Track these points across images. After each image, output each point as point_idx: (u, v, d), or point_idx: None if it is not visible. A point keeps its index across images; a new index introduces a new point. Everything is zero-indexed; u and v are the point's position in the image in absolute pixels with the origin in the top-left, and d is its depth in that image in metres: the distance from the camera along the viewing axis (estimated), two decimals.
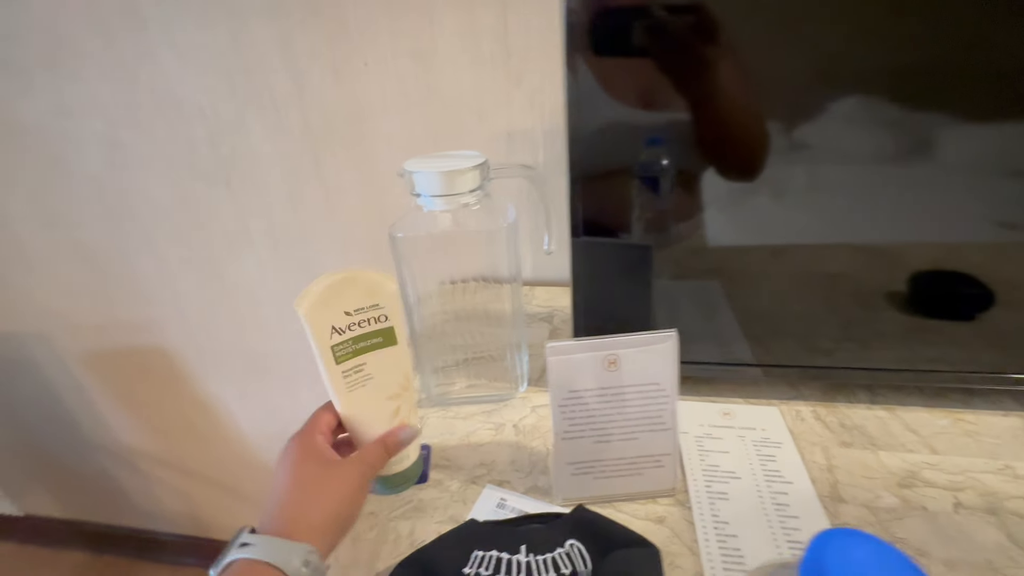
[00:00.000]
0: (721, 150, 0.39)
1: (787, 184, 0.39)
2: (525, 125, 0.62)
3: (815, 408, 0.46)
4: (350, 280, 0.33)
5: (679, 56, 0.37)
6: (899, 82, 0.35)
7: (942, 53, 0.34)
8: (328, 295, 0.32)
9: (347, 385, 0.33)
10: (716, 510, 0.37)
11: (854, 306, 0.44)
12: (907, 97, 0.36)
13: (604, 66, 0.38)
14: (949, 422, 0.43)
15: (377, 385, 0.35)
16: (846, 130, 0.37)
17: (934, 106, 0.36)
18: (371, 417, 0.35)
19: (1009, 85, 0.34)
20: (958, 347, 0.43)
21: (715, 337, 0.47)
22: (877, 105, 0.36)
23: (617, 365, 0.36)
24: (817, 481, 0.39)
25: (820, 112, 0.37)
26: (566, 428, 0.37)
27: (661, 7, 0.35)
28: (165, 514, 1.18)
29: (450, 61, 0.60)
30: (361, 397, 0.34)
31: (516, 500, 0.39)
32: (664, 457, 0.38)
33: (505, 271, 0.44)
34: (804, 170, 0.39)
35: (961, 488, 0.37)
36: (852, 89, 0.36)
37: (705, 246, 0.43)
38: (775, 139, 0.38)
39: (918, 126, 0.36)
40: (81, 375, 0.99)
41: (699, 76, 0.37)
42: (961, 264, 0.40)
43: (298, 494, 0.30)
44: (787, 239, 0.42)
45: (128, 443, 1.08)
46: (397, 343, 0.35)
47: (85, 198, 0.78)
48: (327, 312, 0.32)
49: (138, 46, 0.66)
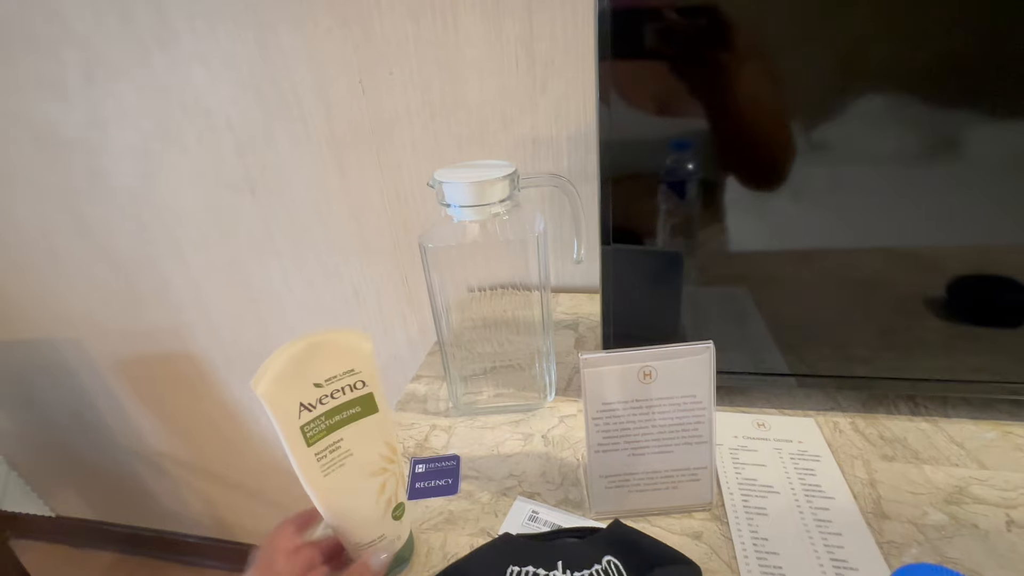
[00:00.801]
0: (745, 157, 0.39)
1: (814, 187, 0.38)
2: (550, 132, 0.62)
3: (853, 419, 0.45)
4: (317, 346, 0.29)
5: (709, 61, 0.36)
6: (924, 78, 0.34)
7: (966, 47, 0.33)
8: (291, 368, 0.28)
9: (322, 469, 0.30)
10: (755, 526, 0.36)
11: (891, 313, 0.42)
12: (934, 94, 0.34)
13: (635, 73, 0.37)
14: (997, 435, 0.42)
15: (358, 462, 0.31)
16: (873, 130, 0.36)
17: (962, 102, 0.34)
18: (354, 500, 0.32)
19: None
20: (1005, 355, 0.41)
21: (746, 345, 0.46)
22: (903, 103, 0.35)
23: (652, 377, 0.35)
24: (859, 496, 0.38)
25: (845, 112, 0.36)
26: (600, 441, 0.36)
27: (691, 11, 0.35)
28: (191, 516, 1.20)
29: (475, 69, 0.60)
30: (340, 480, 0.31)
31: (548, 513, 0.39)
32: (700, 471, 0.37)
33: (535, 279, 0.44)
34: (831, 172, 0.38)
35: (1014, 505, 0.36)
36: (878, 87, 0.35)
37: (732, 251, 0.42)
38: (800, 140, 0.37)
39: (946, 123, 0.35)
40: (111, 380, 1.02)
41: (728, 80, 0.36)
42: (1002, 268, 0.39)
43: None
44: (816, 243, 0.41)
45: (156, 446, 1.10)
46: (378, 410, 0.31)
47: (117, 207, 0.80)
48: (292, 388, 0.28)
49: (170, 59, 0.67)
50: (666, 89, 0.38)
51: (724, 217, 0.41)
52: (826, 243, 0.41)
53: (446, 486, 0.42)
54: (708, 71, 0.36)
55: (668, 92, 0.38)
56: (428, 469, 0.44)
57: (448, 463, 0.44)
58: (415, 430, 0.49)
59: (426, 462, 0.44)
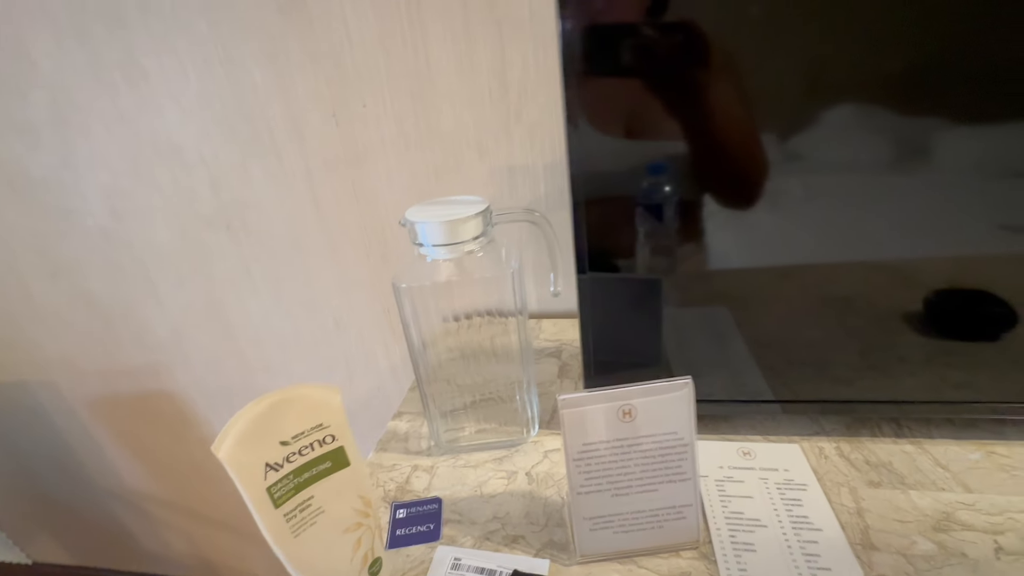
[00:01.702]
0: (720, 174, 0.39)
1: (790, 202, 0.38)
2: (526, 160, 0.62)
3: (839, 444, 0.44)
4: (282, 404, 0.28)
5: (682, 78, 0.36)
6: (894, 87, 0.34)
7: (934, 55, 0.33)
8: (255, 429, 0.27)
9: (292, 529, 0.29)
10: (743, 563, 0.35)
11: (871, 330, 0.42)
12: (905, 104, 0.35)
13: (604, 95, 0.37)
14: (981, 455, 0.42)
15: (330, 519, 0.30)
16: (847, 142, 0.36)
17: (932, 112, 0.35)
18: (327, 559, 0.31)
19: (1005, 84, 0.33)
20: (985, 370, 0.41)
21: (728, 369, 0.46)
22: (874, 114, 0.35)
23: (632, 415, 0.34)
24: (847, 527, 0.37)
25: (818, 125, 0.36)
26: (582, 482, 0.35)
27: (663, 27, 0.34)
28: (174, 557, 1.16)
29: (448, 99, 0.60)
30: (311, 539, 0.30)
31: (470, 558, 0.38)
32: (685, 508, 0.36)
33: (511, 311, 0.44)
34: (806, 186, 0.38)
35: (1001, 531, 0.36)
36: (848, 98, 0.35)
37: (712, 270, 0.42)
38: (775, 154, 0.37)
39: (918, 133, 0.35)
40: (88, 421, 0.99)
41: (698, 97, 0.36)
42: (978, 280, 0.39)
43: None
44: (794, 259, 0.41)
45: (135, 487, 1.06)
46: (350, 463, 0.31)
47: (90, 247, 0.79)
48: (256, 449, 0.27)
49: (140, 97, 0.66)
50: (635, 109, 0.37)
51: (702, 236, 0.41)
52: (804, 258, 0.40)
53: (428, 532, 0.41)
54: (676, 89, 0.36)
55: (637, 112, 0.37)
56: (409, 514, 0.42)
57: (430, 507, 0.43)
58: (396, 472, 0.47)
59: (407, 506, 0.43)
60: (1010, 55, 0.33)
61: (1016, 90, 0.33)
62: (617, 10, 0.35)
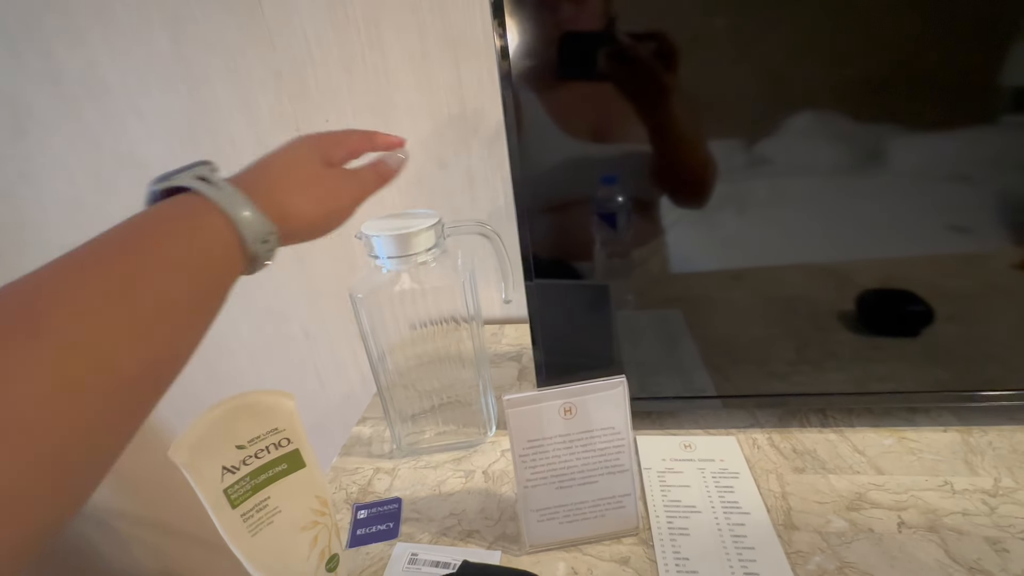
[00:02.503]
0: (672, 177, 0.40)
1: (743, 204, 0.41)
2: (485, 172, 0.65)
3: (770, 435, 0.48)
4: (237, 410, 0.30)
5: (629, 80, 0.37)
6: (845, 96, 0.37)
7: (882, 67, 0.36)
8: (211, 434, 0.29)
9: (249, 529, 0.30)
10: (677, 547, 0.39)
11: (809, 328, 0.45)
12: (854, 110, 0.37)
13: (547, 94, 0.38)
14: (894, 441, 0.46)
15: (287, 518, 0.32)
16: (800, 146, 0.38)
17: (886, 117, 0.37)
18: (285, 557, 0.32)
19: (949, 94, 0.36)
20: (905, 363, 0.45)
21: (677, 368, 0.49)
22: (833, 119, 0.37)
23: (573, 413, 0.37)
24: (772, 510, 0.41)
25: (774, 129, 0.38)
26: (528, 476, 0.38)
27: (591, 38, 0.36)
28: (143, 574, 1.14)
29: (408, 114, 0.63)
30: (269, 538, 0.31)
31: (427, 552, 0.40)
32: (625, 498, 0.39)
33: (465, 317, 0.46)
34: (759, 189, 0.40)
35: (904, 507, 0.39)
36: (802, 105, 0.37)
37: (665, 275, 0.45)
38: (732, 157, 0.39)
39: (871, 137, 0.38)
40: None
41: (649, 102, 0.38)
42: (905, 281, 0.43)
43: (286, 179, 0.27)
44: (744, 263, 0.43)
45: (101, 503, 1.05)
46: (305, 465, 0.32)
47: None
48: (212, 453, 0.29)
49: (102, 110, 0.67)
50: (582, 112, 0.39)
51: (654, 241, 0.43)
52: (753, 261, 0.43)
53: (387, 530, 0.43)
54: (623, 92, 0.38)
55: (585, 115, 0.39)
56: (370, 514, 0.44)
57: (390, 507, 0.45)
58: (359, 475, 0.49)
59: (368, 507, 0.45)
60: (954, 67, 0.36)
61: (959, 100, 0.36)
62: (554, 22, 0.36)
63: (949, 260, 0.42)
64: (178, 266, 0.21)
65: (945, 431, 0.46)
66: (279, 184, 0.27)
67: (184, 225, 0.23)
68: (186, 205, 0.23)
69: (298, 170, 0.28)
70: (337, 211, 0.30)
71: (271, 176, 0.27)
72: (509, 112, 0.39)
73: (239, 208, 0.24)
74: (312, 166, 0.29)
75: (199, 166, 0.25)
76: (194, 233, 0.23)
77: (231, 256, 0.24)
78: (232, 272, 0.24)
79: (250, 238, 0.24)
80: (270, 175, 0.27)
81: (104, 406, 0.18)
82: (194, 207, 0.23)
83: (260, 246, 0.25)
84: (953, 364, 0.45)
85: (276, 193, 0.26)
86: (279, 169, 0.28)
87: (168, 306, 0.21)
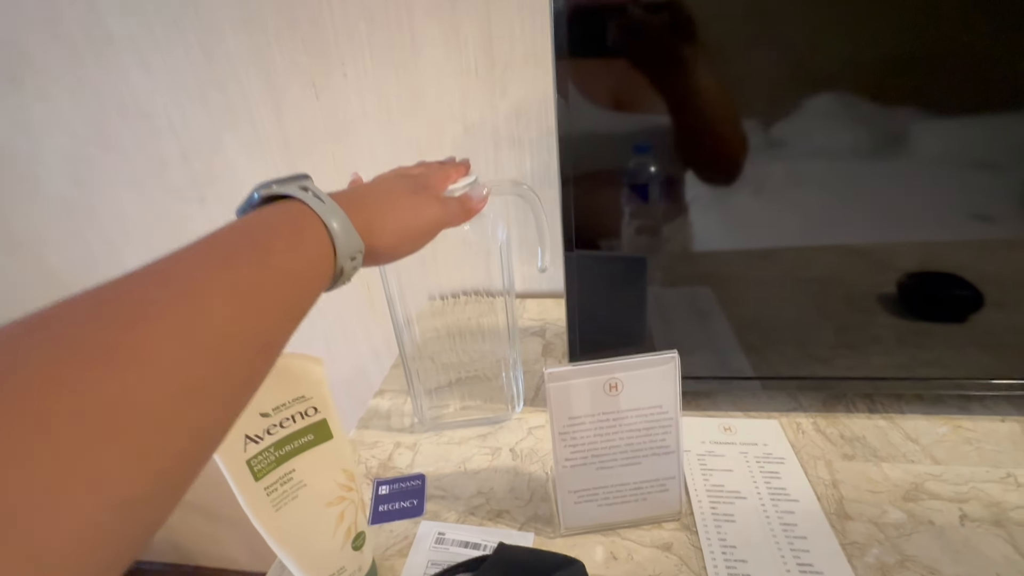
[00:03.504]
0: (704, 151, 0.39)
1: (772, 183, 0.39)
2: (511, 135, 0.61)
3: (815, 420, 0.45)
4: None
5: (666, 57, 0.36)
6: (875, 77, 0.35)
7: (915, 47, 0.34)
8: None
9: (273, 503, 0.28)
10: (723, 534, 0.36)
11: (847, 310, 0.43)
12: (885, 92, 0.35)
13: (592, 71, 0.37)
14: (948, 429, 0.43)
15: (312, 493, 0.29)
16: (829, 128, 0.37)
17: (911, 102, 0.35)
18: (310, 534, 0.30)
19: (981, 76, 0.34)
20: (952, 350, 0.43)
21: (711, 347, 0.46)
22: (856, 101, 0.36)
23: (618, 389, 0.34)
24: (823, 498, 0.38)
25: (799, 110, 0.36)
26: (567, 455, 0.35)
27: (649, 7, 0.34)
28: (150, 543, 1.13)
29: (433, 71, 0.59)
30: (293, 513, 0.29)
31: (455, 531, 0.38)
32: (669, 481, 0.36)
33: (498, 288, 0.43)
34: (788, 169, 0.38)
35: (966, 499, 0.37)
36: (831, 86, 0.35)
37: (696, 251, 0.43)
38: (758, 138, 0.37)
39: (896, 121, 0.36)
40: None
41: (680, 75, 0.36)
42: (948, 264, 0.40)
43: (374, 198, 0.28)
44: (776, 241, 0.41)
45: None
46: (333, 436, 0.30)
47: (52, 218, 0.75)
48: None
49: (104, 61, 0.63)
50: (624, 86, 0.37)
51: (687, 217, 0.41)
52: (785, 241, 0.41)
53: (411, 508, 0.40)
54: (665, 67, 0.36)
55: (626, 89, 0.37)
56: (392, 490, 0.42)
57: (413, 483, 0.42)
58: (378, 449, 0.47)
59: (390, 483, 0.43)
60: (987, 50, 0.34)
61: (991, 83, 0.34)
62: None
63: (992, 245, 0.39)
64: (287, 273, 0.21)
65: (1003, 421, 0.43)
66: (368, 203, 0.28)
67: (291, 232, 0.23)
68: (292, 214, 0.23)
69: (387, 193, 0.30)
70: (419, 233, 0.30)
71: (361, 195, 0.28)
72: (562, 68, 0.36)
73: (337, 221, 0.24)
74: (400, 191, 0.30)
75: (301, 178, 0.26)
76: (300, 242, 0.23)
77: (325, 269, 0.24)
78: (322, 285, 0.24)
79: (342, 252, 0.24)
80: (360, 194, 0.28)
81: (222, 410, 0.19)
82: (300, 216, 0.23)
83: (348, 262, 0.25)
84: (1003, 351, 0.42)
85: (365, 211, 0.27)
86: (369, 190, 0.29)
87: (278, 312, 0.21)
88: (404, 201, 0.30)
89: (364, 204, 0.27)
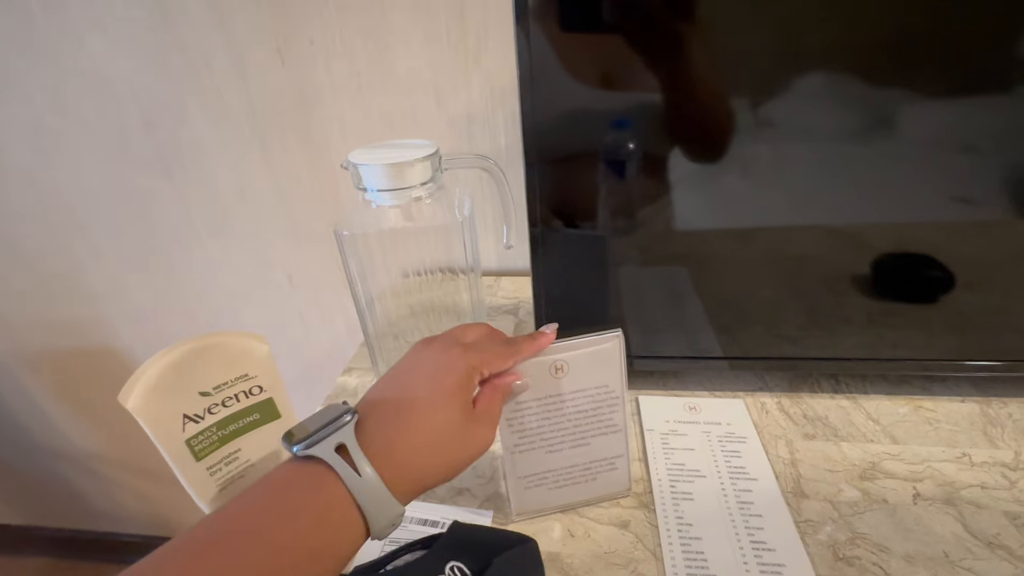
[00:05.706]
0: (689, 128, 0.38)
1: (753, 163, 0.38)
2: (485, 109, 0.59)
3: (780, 399, 0.45)
4: (199, 352, 0.26)
5: (648, 30, 0.34)
6: (860, 59, 0.34)
7: (904, 29, 0.33)
8: (169, 378, 0.25)
9: (217, 483, 0.28)
10: (680, 511, 0.36)
11: (821, 291, 0.43)
12: (868, 74, 0.34)
13: (563, 41, 0.35)
14: (909, 410, 0.44)
15: (260, 472, 0.29)
16: (810, 108, 0.36)
17: (893, 83, 0.35)
18: None
19: (964, 61, 0.34)
20: (920, 331, 0.43)
21: (683, 327, 0.46)
22: (839, 81, 0.35)
23: (563, 371, 0.34)
24: (781, 476, 0.38)
25: (785, 89, 0.35)
26: (516, 441, 0.35)
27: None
28: (128, 516, 1.14)
29: (403, 39, 0.56)
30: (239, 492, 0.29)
31: (413, 509, 0.37)
32: (617, 459, 0.36)
33: (462, 265, 0.42)
34: (770, 149, 0.37)
35: (920, 478, 0.37)
36: (819, 66, 0.34)
37: (673, 230, 0.42)
38: (743, 117, 0.36)
39: (878, 103, 0.35)
40: (26, 379, 0.94)
41: (669, 51, 0.35)
42: (923, 245, 0.40)
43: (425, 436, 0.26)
44: (754, 222, 0.41)
45: (83, 446, 1.03)
46: (280, 416, 0.29)
47: (13, 191, 0.72)
48: (171, 399, 0.26)
49: (57, 22, 0.60)
50: (602, 58, 0.35)
51: (667, 195, 0.40)
52: (763, 221, 0.40)
53: None
54: (648, 39, 0.34)
55: (600, 62, 0.36)
56: None
57: None
58: None
59: None
60: (975, 35, 0.33)
61: (977, 67, 0.33)
62: None
63: (968, 227, 0.39)
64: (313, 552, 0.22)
65: (963, 401, 0.44)
66: (418, 449, 0.26)
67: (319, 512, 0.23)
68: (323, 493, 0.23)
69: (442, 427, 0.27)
70: (465, 466, 0.28)
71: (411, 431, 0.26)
72: (525, 40, 0.34)
73: (377, 504, 0.24)
74: (455, 417, 0.27)
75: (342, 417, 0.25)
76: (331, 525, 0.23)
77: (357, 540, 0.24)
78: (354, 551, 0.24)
79: (378, 528, 0.24)
80: (410, 430, 0.26)
81: None
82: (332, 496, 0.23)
83: (387, 529, 0.25)
84: (971, 333, 0.42)
85: (415, 458, 0.25)
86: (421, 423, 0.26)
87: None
88: (455, 433, 0.27)
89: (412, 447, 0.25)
